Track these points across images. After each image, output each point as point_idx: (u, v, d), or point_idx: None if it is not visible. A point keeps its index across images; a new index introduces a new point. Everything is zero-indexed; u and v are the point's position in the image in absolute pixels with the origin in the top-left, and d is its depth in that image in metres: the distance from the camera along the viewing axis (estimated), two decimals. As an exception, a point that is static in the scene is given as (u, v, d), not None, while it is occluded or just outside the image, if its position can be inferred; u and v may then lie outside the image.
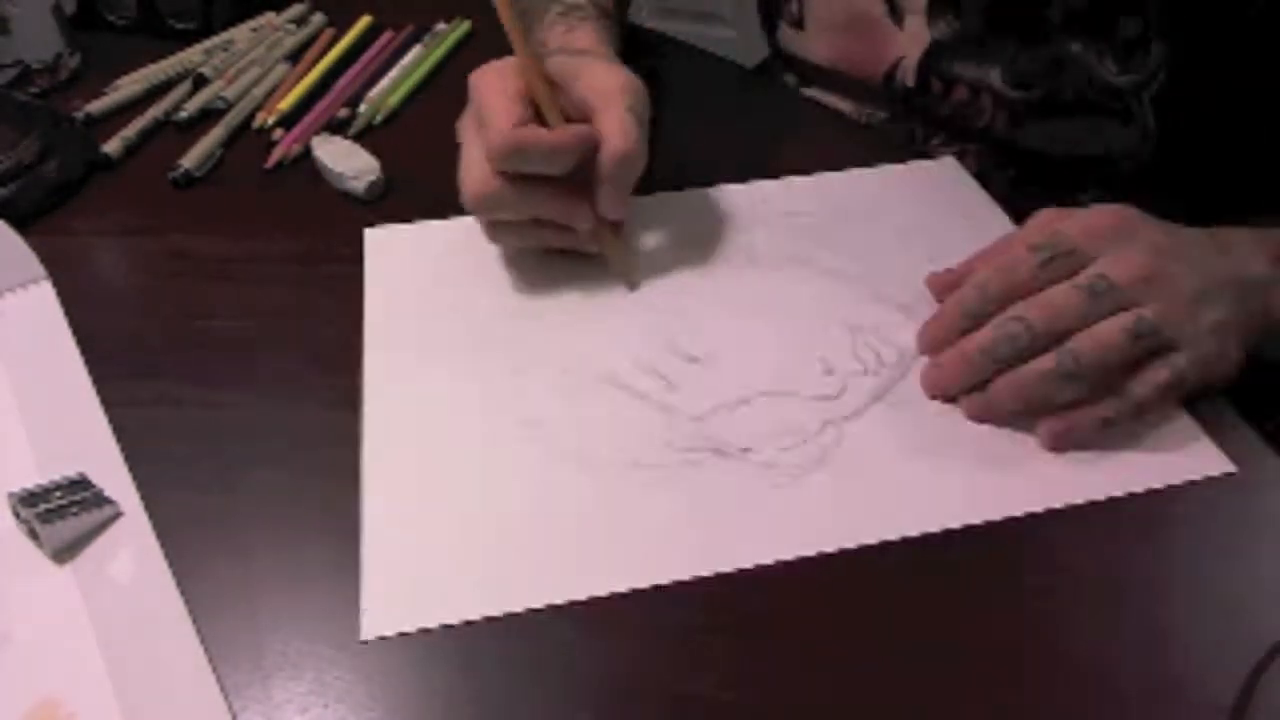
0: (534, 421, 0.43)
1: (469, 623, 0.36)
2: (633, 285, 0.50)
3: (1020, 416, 0.42)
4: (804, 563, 0.37)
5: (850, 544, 0.38)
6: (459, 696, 0.34)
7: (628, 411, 0.43)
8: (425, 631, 0.36)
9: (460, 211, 0.49)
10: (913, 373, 0.45)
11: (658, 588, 0.37)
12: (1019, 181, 0.59)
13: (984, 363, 0.42)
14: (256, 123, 0.63)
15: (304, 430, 0.43)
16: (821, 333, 0.47)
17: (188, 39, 0.70)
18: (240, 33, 0.71)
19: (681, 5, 1.62)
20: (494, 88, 0.46)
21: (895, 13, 0.58)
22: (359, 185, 0.56)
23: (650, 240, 0.52)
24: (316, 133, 0.61)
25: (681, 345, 0.47)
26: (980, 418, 0.42)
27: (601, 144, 0.46)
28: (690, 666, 0.35)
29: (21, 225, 0.53)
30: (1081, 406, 0.41)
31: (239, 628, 0.36)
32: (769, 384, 0.45)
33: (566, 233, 0.48)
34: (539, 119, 0.46)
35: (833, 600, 0.36)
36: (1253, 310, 0.43)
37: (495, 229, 0.49)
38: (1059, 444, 0.41)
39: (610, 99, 0.47)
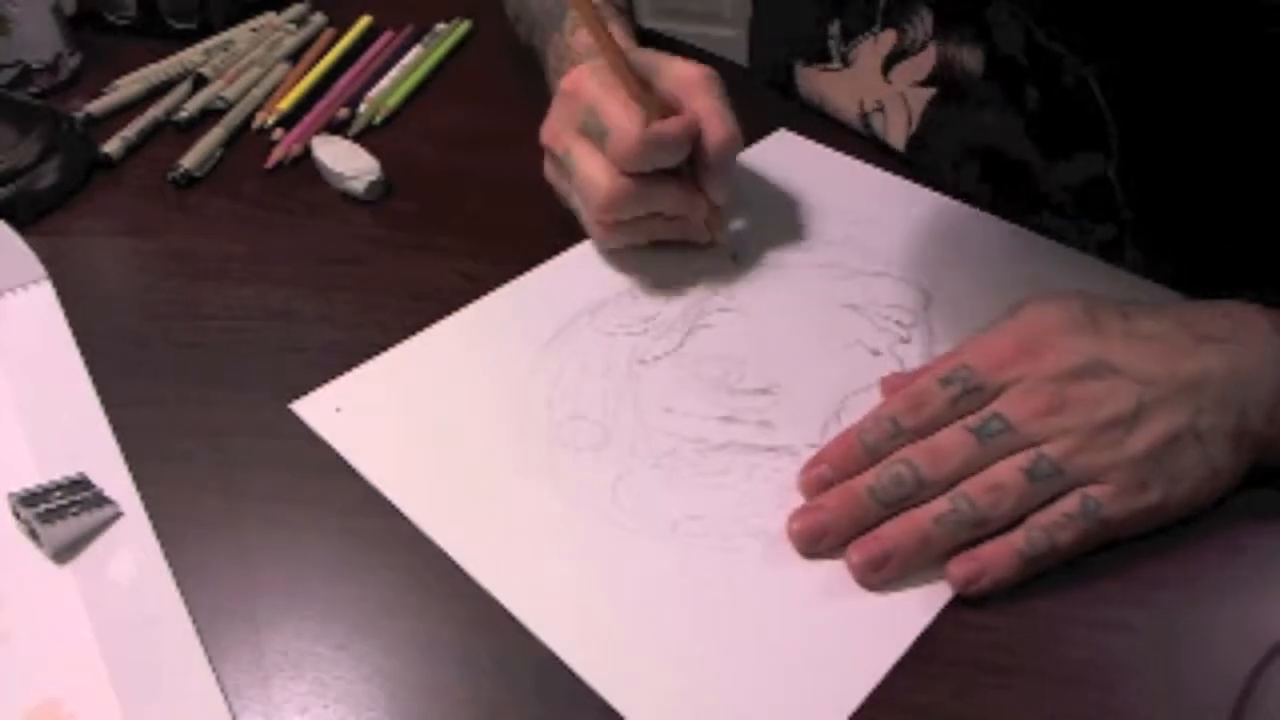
0: (691, 519, 0.39)
1: (467, 623, 0.36)
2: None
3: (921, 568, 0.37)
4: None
5: None
6: (459, 696, 0.34)
7: (756, 470, 0.40)
8: (425, 631, 0.36)
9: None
10: (935, 321, 0.46)
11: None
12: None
13: (872, 504, 0.37)
14: (256, 123, 0.63)
15: (304, 430, 0.43)
16: (836, 323, 0.47)
17: (188, 39, 0.70)
18: (240, 33, 0.71)
19: (681, 5, 1.62)
20: (605, 93, 0.46)
21: (878, 141, 0.56)
22: (359, 185, 0.56)
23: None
24: (316, 133, 0.61)
25: (737, 384, 0.44)
26: (873, 567, 0.36)
27: (704, 134, 0.46)
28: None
29: (21, 225, 0.52)
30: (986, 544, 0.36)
31: (239, 628, 0.36)
32: (850, 385, 0.44)
33: (680, 223, 0.49)
34: None
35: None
36: (1255, 405, 0.37)
37: (611, 230, 0.49)
38: (971, 589, 0.36)
39: (698, 89, 0.47)
